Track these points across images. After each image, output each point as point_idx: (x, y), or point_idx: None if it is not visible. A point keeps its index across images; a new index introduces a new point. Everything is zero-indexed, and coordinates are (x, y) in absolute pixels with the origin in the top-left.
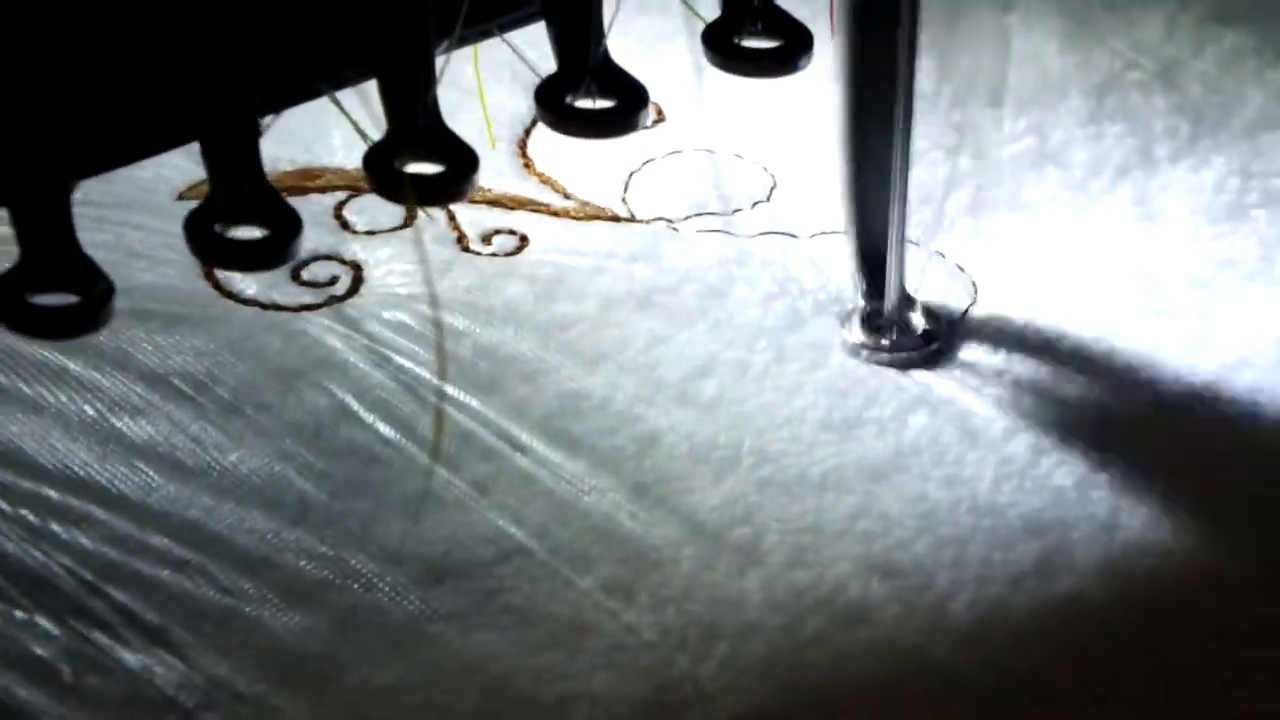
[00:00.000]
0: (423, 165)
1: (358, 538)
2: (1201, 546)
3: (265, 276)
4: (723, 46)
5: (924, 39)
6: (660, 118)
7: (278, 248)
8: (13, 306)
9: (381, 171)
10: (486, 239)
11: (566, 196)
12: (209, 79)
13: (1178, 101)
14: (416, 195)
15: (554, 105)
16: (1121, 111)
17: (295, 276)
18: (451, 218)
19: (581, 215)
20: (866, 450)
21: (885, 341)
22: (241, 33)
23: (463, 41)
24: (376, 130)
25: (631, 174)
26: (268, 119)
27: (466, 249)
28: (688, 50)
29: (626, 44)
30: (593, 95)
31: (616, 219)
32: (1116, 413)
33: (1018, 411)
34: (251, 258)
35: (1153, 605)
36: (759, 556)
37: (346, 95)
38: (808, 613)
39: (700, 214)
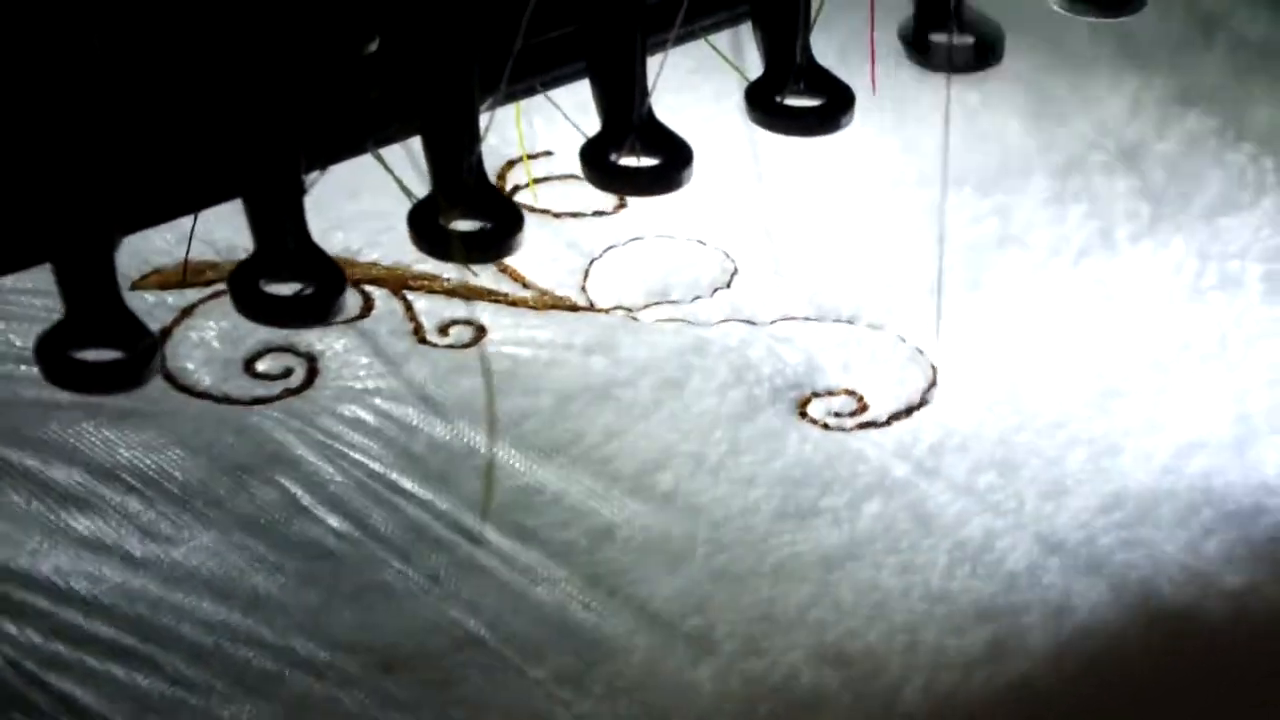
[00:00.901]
0: (468, 222)
1: (309, 628)
2: (1153, 628)
3: (218, 369)
4: (765, 105)
5: (888, 118)
6: (622, 203)
7: (323, 304)
8: (58, 362)
9: (426, 229)
10: (443, 330)
11: (525, 285)
12: (254, 136)
13: (1139, 184)
14: (464, 252)
15: (601, 163)
16: (1084, 193)
17: (249, 369)
18: (408, 308)
19: (540, 305)
20: (821, 539)
21: None
22: (286, 90)
23: (508, 99)
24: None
25: (592, 261)
26: (313, 175)
27: (423, 340)
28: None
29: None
30: (637, 153)
31: (575, 308)
32: (1071, 495)
33: (972, 495)
34: (297, 314)
35: (1105, 688)
36: (712, 646)
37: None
38: (760, 702)
39: (660, 302)
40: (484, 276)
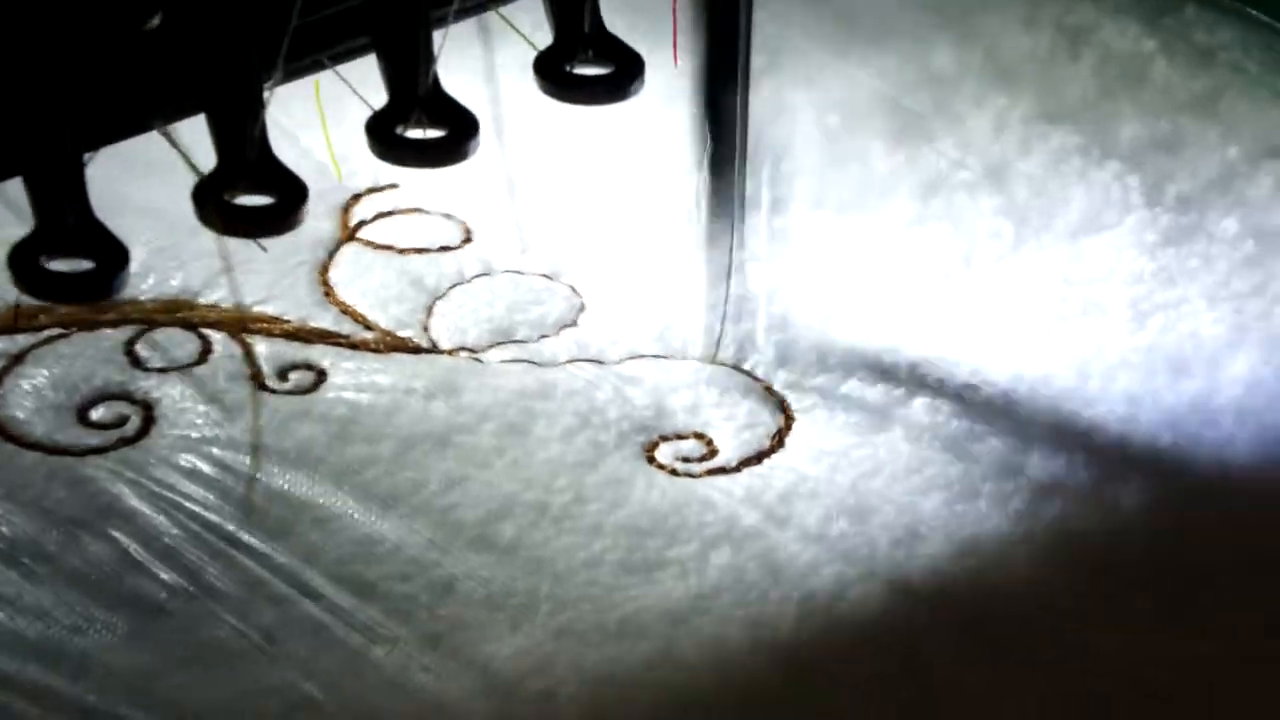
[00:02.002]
0: (252, 197)
1: (139, 694)
2: (1010, 678)
3: (51, 418)
4: (554, 74)
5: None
6: (468, 238)
7: (105, 279)
8: None
9: (208, 204)
10: (283, 375)
11: (367, 326)
12: (31, 112)
13: (1003, 203)
14: (243, 227)
15: (386, 135)
16: (947, 213)
17: (82, 417)
18: (248, 352)
19: (381, 347)
20: (667, 593)
21: None
22: (64, 67)
23: (291, 75)
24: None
25: (436, 300)
26: (90, 154)
27: (262, 386)
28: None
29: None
30: (423, 125)
31: (418, 350)
32: (923, 540)
33: (823, 544)
34: (78, 290)
35: None
36: (554, 708)
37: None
38: None
39: (504, 342)
40: (325, 318)
